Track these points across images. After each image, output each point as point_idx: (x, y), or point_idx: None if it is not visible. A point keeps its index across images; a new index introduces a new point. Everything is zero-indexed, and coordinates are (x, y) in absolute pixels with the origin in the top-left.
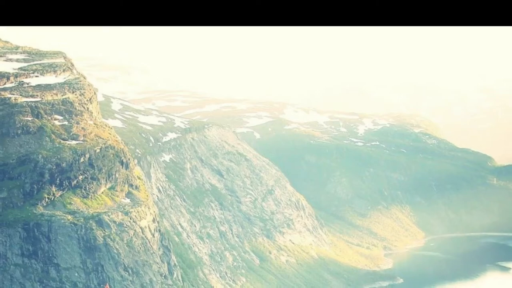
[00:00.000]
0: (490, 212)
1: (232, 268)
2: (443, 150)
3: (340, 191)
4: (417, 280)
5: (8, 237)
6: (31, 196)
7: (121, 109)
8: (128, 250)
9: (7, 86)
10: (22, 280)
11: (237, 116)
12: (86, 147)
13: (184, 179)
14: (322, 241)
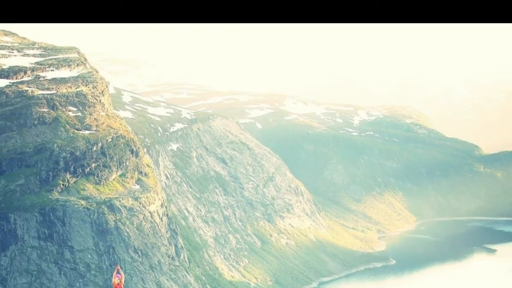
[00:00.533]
0: (476, 198)
1: (235, 250)
2: (432, 140)
3: (336, 177)
4: (409, 261)
5: (25, 221)
6: (47, 183)
7: (131, 101)
8: (137, 233)
9: (25, 79)
10: (38, 261)
11: (240, 108)
12: (98, 136)
13: (190, 166)
14: (319, 224)
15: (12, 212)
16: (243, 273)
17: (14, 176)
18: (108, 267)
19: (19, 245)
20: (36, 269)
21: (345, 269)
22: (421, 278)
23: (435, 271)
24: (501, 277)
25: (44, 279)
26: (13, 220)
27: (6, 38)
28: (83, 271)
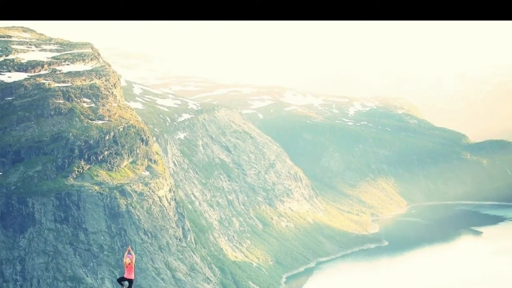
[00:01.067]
0: (463, 183)
1: (239, 232)
2: (423, 129)
3: (333, 164)
4: (400, 243)
5: (42, 205)
6: (63, 169)
7: (142, 93)
8: (147, 216)
9: (42, 73)
10: (55, 242)
11: (243, 99)
12: (111, 126)
13: (197, 154)
14: (317, 208)
15: (30, 196)
16: (245, 253)
17: (32, 163)
18: (120, 248)
19: (36, 228)
20: (53, 250)
21: (341, 250)
22: (412, 259)
23: (425, 252)
24: (487, 258)
25: (60, 259)
26: (31, 204)
27: (25, 34)
28: (96, 252)
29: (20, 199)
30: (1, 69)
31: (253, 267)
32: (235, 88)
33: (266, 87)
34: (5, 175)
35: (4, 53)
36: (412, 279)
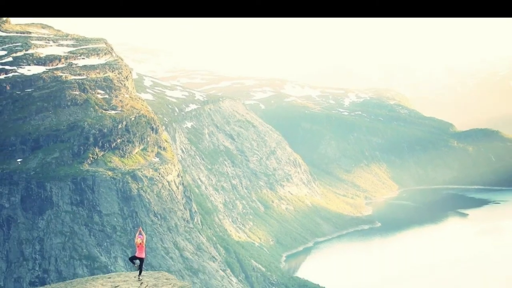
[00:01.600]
0: (451, 169)
1: (242, 214)
2: (413, 118)
3: (329, 151)
4: (392, 224)
5: (60, 189)
6: (79, 156)
7: (152, 85)
8: (157, 200)
9: (59, 66)
10: (71, 224)
11: (246, 91)
12: (123, 116)
13: (203, 142)
14: (314, 192)
15: (48, 181)
16: (248, 234)
17: (50, 150)
18: (132, 229)
19: (54, 210)
20: (69, 230)
21: (337, 231)
22: (403, 239)
23: (415, 232)
24: (472, 238)
25: (76, 239)
26: (49, 188)
27: (43, 30)
28: (109, 232)
29: (39, 183)
30: (21, 62)
31: (255, 246)
32: (239, 80)
33: (267, 79)
34: (25, 161)
35: (24, 48)
36: (403, 258)
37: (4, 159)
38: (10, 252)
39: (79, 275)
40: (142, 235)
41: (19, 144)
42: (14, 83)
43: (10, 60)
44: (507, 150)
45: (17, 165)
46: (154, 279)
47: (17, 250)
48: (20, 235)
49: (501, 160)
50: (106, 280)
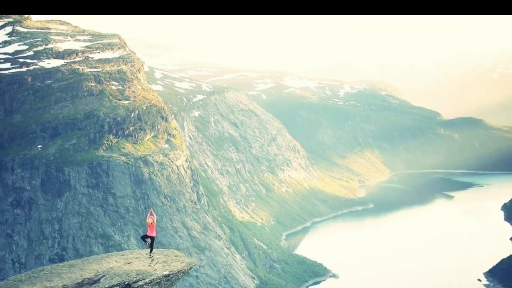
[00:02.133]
0: (438, 154)
1: (245, 196)
2: (403, 108)
3: (326, 138)
4: (384, 205)
5: (77, 173)
6: (94, 142)
7: (162, 77)
8: (167, 183)
9: (76, 60)
10: (87, 205)
11: (249, 82)
12: (135, 105)
13: (209, 129)
14: (312, 176)
15: (66, 166)
16: (251, 214)
17: (68, 137)
18: (143, 210)
19: (72, 192)
20: (86, 211)
21: (333, 212)
22: (394, 219)
23: (405, 213)
24: (458, 218)
25: (92, 219)
26: (67, 172)
27: (62, 26)
28: (123, 213)
29: (58, 168)
30: (41, 56)
31: (257, 226)
32: (242, 73)
33: (269, 72)
34: (45, 147)
35: (44, 43)
36: (394, 237)
37: (26, 146)
38: (31, 231)
39: (94, 253)
40: (153, 216)
41: (40, 131)
42: (34, 75)
43: (31, 54)
44: (490, 137)
45: (38, 151)
46: (164, 256)
47: (38, 229)
48: (40, 215)
49: (484, 146)
50: (120, 257)
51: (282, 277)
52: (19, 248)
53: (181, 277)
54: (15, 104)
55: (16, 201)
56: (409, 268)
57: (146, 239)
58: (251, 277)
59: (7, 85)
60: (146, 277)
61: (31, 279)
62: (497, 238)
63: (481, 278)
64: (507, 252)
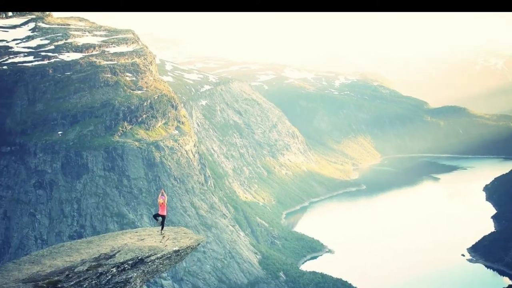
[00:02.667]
0: (425, 140)
1: (248, 178)
2: (393, 97)
3: (322, 125)
4: (375, 187)
5: (94, 157)
6: (110, 129)
7: (172, 69)
8: (176, 166)
9: (94, 53)
10: (104, 186)
11: (252, 74)
12: (148, 95)
13: (215, 117)
14: (310, 159)
15: (84, 150)
16: (254, 195)
17: (86, 124)
18: (155, 191)
19: (89, 175)
20: (102, 192)
21: (329, 192)
22: (384, 199)
23: (395, 193)
24: (443, 198)
25: (108, 199)
26: (85, 156)
27: (80, 23)
28: (136, 194)
29: (77, 152)
30: (61, 50)
31: (259, 205)
32: (246, 65)
33: (270, 64)
34: (65, 133)
35: (64, 38)
36: (385, 216)
37: (47, 132)
38: (52, 210)
39: (110, 230)
40: (164, 196)
41: (60, 119)
42: (55, 68)
43: (52, 48)
44: (473, 124)
45: (58, 137)
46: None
47: (58, 208)
48: (60, 196)
49: (467, 132)
50: (134, 234)
51: (282, 252)
52: (41, 225)
53: (190, 253)
54: (37, 94)
55: (38, 183)
56: (398, 244)
57: (157, 217)
58: (254, 252)
59: (30, 77)
60: (157, 253)
61: (52, 254)
62: (479, 217)
63: (465, 253)
64: (488, 230)
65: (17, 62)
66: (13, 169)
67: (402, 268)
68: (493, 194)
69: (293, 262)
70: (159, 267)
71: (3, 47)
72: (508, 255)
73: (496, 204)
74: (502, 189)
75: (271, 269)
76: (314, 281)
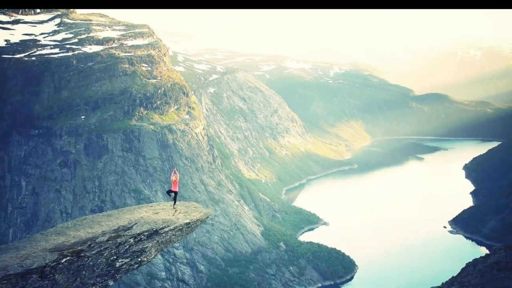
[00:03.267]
0: (410, 124)
1: (252, 158)
2: (382, 85)
3: (318, 110)
4: (366, 166)
5: (113, 139)
6: (128, 114)
7: (183, 60)
8: (187, 147)
9: (113, 46)
10: (122, 165)
11: (255, 64)
12: (162, 83)
13: (222, 103)
14: (307, 141)
15: (105, 133)
16: (257, 173)
17: (107, 109)
18: (168, 169)
19: (109, 155)
20: (121, 170)
21: (324, 171)
22: (374, 177)
23: (383, 172)
24: (427, 176)
25: (126, 177)
26: (105, 138)
27: (101, 18)
28: (151, 172)
29: (98, 135)
30: (84, 43)
31: (262, 182)
32: (249, 56)
33: (272, 55)
34: (87, 118)
35: (87, 32)
36: (375, 192)
37: (71, 117)
38: (76, 187)
39: (128, 204)
40: (176, 174)
41: (83, 105)
42: (79, 59)
43: (76, 41)
44: (453, 110)
45: (81, 121)
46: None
47: (81, 185)
48: (83, 174)
49: (448, 117)
50: (149, 208)
51: (283, 225)
52: (66, 200)
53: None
54: (62, 82)
55: (63, 162)
56: (387, 217)
57: (170, 193)
58: (257, 224)
59: (56, 67)
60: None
61: (76, 226)
62: (459, 193)
63: (446, 225)
64: (467, 204)
65: (44, 54)
66: (41, 150)
67: (390, 238)
68: (471, 172)
69: (292, 233)
70: (171, 238)
71: (32, 41)
72: (485, 227)
73: (475, 181)
74: (479, 168)
75: (272, 240)
76: (311, 250)
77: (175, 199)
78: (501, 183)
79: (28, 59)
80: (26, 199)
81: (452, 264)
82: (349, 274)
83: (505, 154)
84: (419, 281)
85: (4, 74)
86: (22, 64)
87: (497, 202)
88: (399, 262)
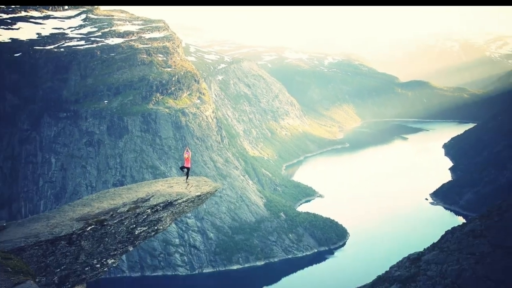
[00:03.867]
0: (396, 108)
1: (256, 138)
2: (371, 73)
3: (315, 96)
4: (357, 144)
5: (133, 121)
6: (146, 99)
7: (195, 51)
8: (198, 128)
9: (132, 38)
10: (140, 144)
11: (258, 55)
12: (176, 71)
13: (229, 89)
14: (304, 123)
15: (125, 115)
16: (260, 151)
17: (127, 95)
18: (181, 148)
19: (129, 135)
20: (139, 149)
21: (319, 149)
22: (364, 155)
23: (372, 150)
24: (411, 154)
25: (144, 155)
26: (125, 120)
27: (122, 14)
28: (167, 150)
29: (119, 117)
30: (107, 36)
31: (264, 159)
32: (254, 48)
33: (273, 47)
34: (110, 102)
35: (109, 26)
36: (364, 168)
37: (96, 101)
38: (100, 163)
39: (146, 179)
40: (189, 152)
41: (106, 91)
42: (102, 50)
43: (100, 34)
44: (434, 95)
45: (104, 105)
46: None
47: (104, 162)
48: (106, 152)
49: (430, 102)
50: (164, 182)
51: (283, 197)
52: (91, 175)
53: (209, 197)
54: (88, 71)
55: (88, 142)
56: (375, 190)
57: (183, 169)
58: (260, 197)
59: (82, 57)
60: (183, 197)
61: (99, 198)
62: (439, 168)
63: (427, 197)
64: (446, 179)
65: (71, 46)
66: (69, 130)
67: (378, 209)
68: (450, 150)
69: (291, 205)
70: (184, 209)
71: (61, 34)
72: (462, 199)
73: (453, 158)
74: (457, 146)
75: (273, 210)
76: (307, 219)
77: (188, 174)
78: (476, 160)
79: (57, 50)
80: (56, 174)
81: (433, 231)
82: (341, 241)
83: (480, 134)
84: (403, 247)
85: (36, 64)
86: (52, 54)
87: (473, 177)
88: (386, 230)
